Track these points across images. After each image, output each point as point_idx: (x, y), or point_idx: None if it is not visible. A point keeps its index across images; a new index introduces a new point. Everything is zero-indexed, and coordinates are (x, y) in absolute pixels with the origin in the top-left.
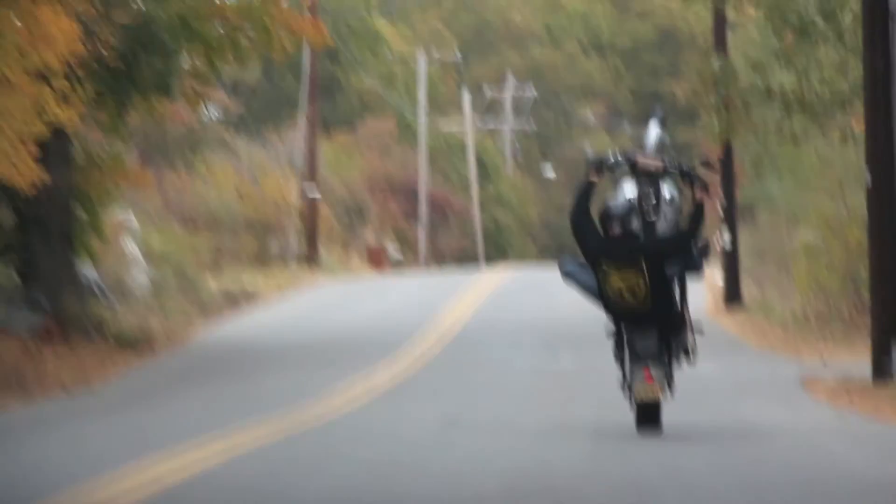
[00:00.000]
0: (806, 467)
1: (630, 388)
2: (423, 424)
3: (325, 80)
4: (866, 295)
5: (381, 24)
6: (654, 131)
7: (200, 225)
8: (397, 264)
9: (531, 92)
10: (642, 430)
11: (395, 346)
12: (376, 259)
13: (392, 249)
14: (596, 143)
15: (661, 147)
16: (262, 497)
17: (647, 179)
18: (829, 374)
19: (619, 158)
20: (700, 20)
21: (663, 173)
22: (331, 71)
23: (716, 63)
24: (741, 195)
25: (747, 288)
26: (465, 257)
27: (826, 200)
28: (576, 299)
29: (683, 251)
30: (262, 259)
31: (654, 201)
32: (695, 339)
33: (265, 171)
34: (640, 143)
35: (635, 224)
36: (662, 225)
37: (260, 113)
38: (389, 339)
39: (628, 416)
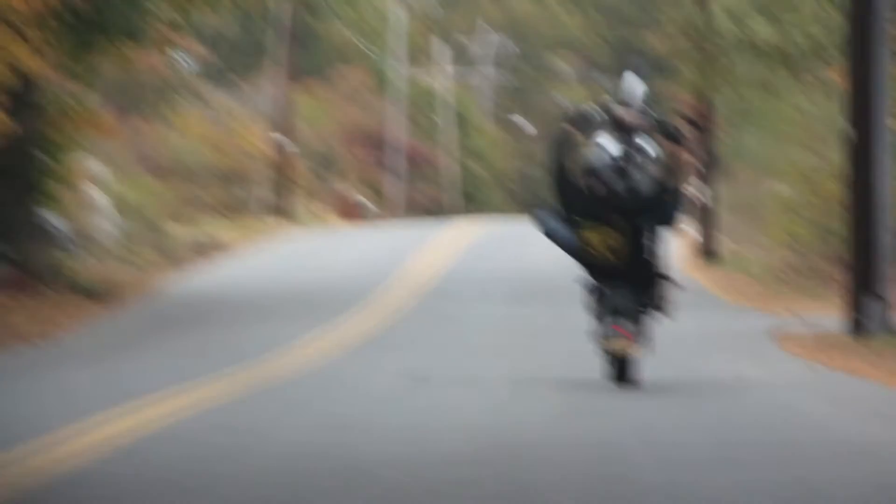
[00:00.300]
0: (779, 426)
1: (604, 343)
2: (392, 379)
3: (300, 30)
4: (841, 248)
5: None
6: (633, 84)
7: (172, 175)
8: (370, 216)
9: (507, 44)
10: (616, 385)
11: (365, 298)
12: (349, 211)
13: (365, 201)
14: (572, 96)
15: (642, 101)
16: (225, 453)
17: (627, 134)
18: (804, 329)
19: (598, 112)
20: None
21: (643, 128)
22: (306, 21)
23: (696, 15)
24: (718, 149)
25: (724, 242)
26: (438, 209)
27: (802, 154)
28: (548, 252)
29: (661, 203)
30: (233, 210)
31: (633, 156)
32: (671, 294)
33: (238, 121)
34: (616, 96)
35: (616, 181)
36: (642, 180)
37: (235, 63)
38: (360, 292)
39: (599, 370)
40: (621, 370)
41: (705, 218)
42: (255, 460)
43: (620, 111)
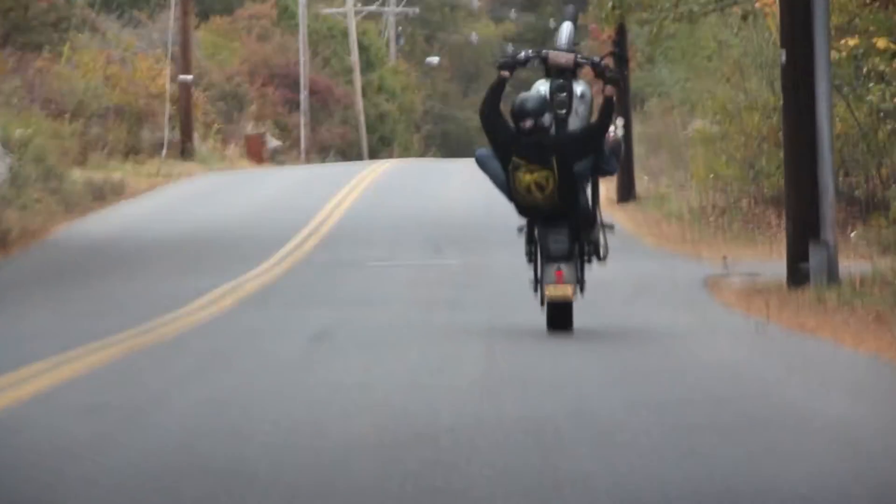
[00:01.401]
0: (727, 397)
1: (541, 288)
2: (288, 339)
3: None
4: (766, 186)
5: None
6: (566, 28)
7: (66, 113)
8: (276, 155)
9: None
10: (553, 330)
11: (266, 244)
12: (254, 150)
13: (271, 140)
14: (482, 30)
15: (572, 43)
16: (88, 445)
17: (559, 75)
18: (739, 278)
19: (531, 54)
20: None
21: (574, 68)
22: None
23: None
24: (632, 82)
25: (640, 180)
26: (347, 148)
27: (723, 87)
28: (460, 195)
29: (594, 146)
30: (132, 149)
31: (566, 99)
32: (606, 238)
33: (140, 58)
34: (524, 30)
35: (547, 119)
36: (574, 121)
37: None
38: (260, 237)
39: (519, 323)
40: (556, 315)
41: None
42: (119, 457)
43: (553, 55)
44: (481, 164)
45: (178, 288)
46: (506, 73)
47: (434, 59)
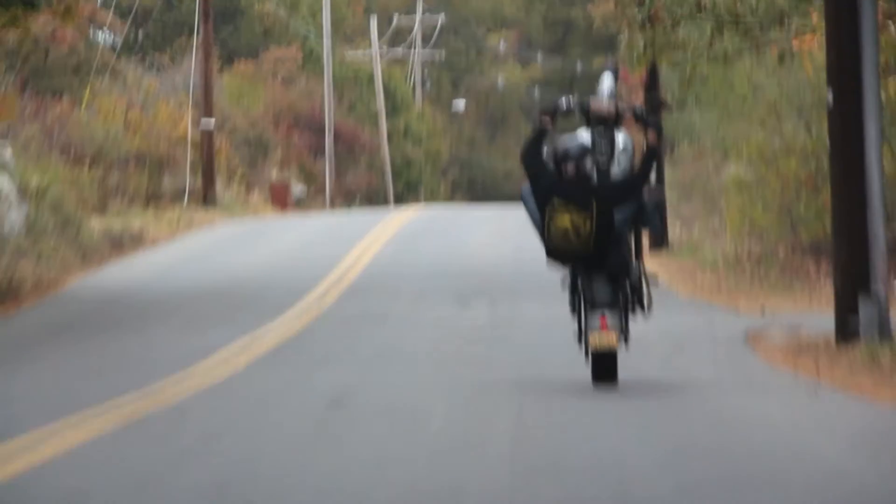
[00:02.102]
0: (777, 465)
1: (585, 339)
2: (302, 406)
3: (227, 7)
4: (804, 234)
5: None
6: (607, 79)
7: (85, 159)
8: (301, 202)
9: (441, 20)
10: (598, 383)
11: (287, 296)
12: (279, 197)
13: (296, 186)
14: (508, 74)
15: (613, 93)
16: None
17: (601, 126)
18: (782, 331)
19: (573, 104)
20: None
21: (617, 118)
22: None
23: None
24: (664, 126)
25: (673, 228)
26: (373, 194)
27: (757, 130)
28: (488, 242)
29: (634, 193)
30: (153, 197)
31: (608, 148)
32: (650, 290)
33: (159, 101)
34: (551, 74)
35: (588, 164)
36: (616, 171)
37: (158, 41)
38: (281, 288)
39: (551, 382)
40: (601, 366)
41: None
42: None
43: (595, 103)
44: (524, 199)
45: (191, 343)
46: (547, 120)
47: (460, 104)
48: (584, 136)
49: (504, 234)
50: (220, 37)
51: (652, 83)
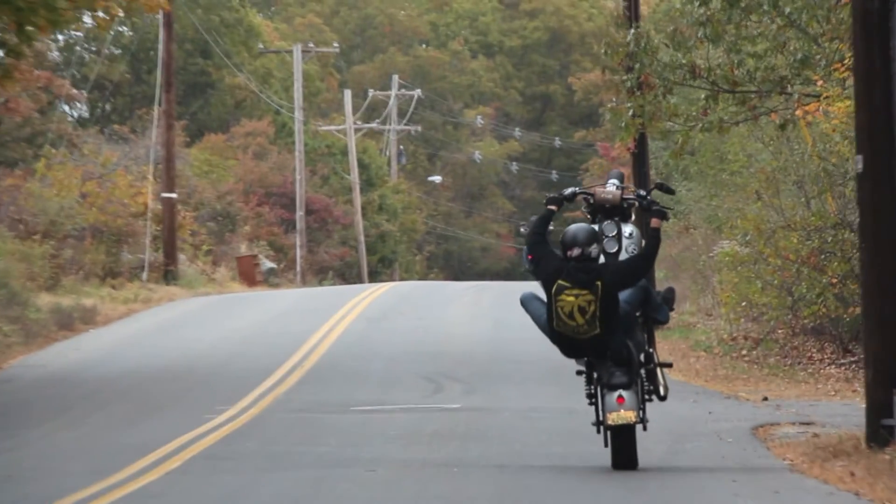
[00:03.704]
0: None
1: (603, 422)
2: None
3: (198, 81)
4: (806, 315)
5: (258, 21)
6: (612, 181)
7: (37, 232)
8: (271, 277)
9: (417, 92)
10: (618, 466)
11: (241, 381)
12: (247, 272)
13: (265, 261)
14: (485, 149)
15: (619, 187)
16: None
17: (607, 216)
18: (784, 418)
19: (577, 191)
20: (591, 17)
21: (621, 204)
22: (202, 68)
23: (630, 33)
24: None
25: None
26: (346, 270)
27: (753, 203)
28: (463, 321)
29: (638, 274)
30: (110, 273)
31: (615, 235)
32: (665, 378)
33: (122, 176)
34: (529, 149)
35: (595, 250)
36: (623, 258)
37: (125, 114)
38: (237, 372)
39: (537, 493)
40: (625, 449)
41: None
42: None
43: (600, 191)
44: (524, 304)
45: (123, 441)
46: (553, 208)
47: (437, 178)
48: (591, 222)
49: (479, 312)
50: (189, 110)
51: (640, 154)
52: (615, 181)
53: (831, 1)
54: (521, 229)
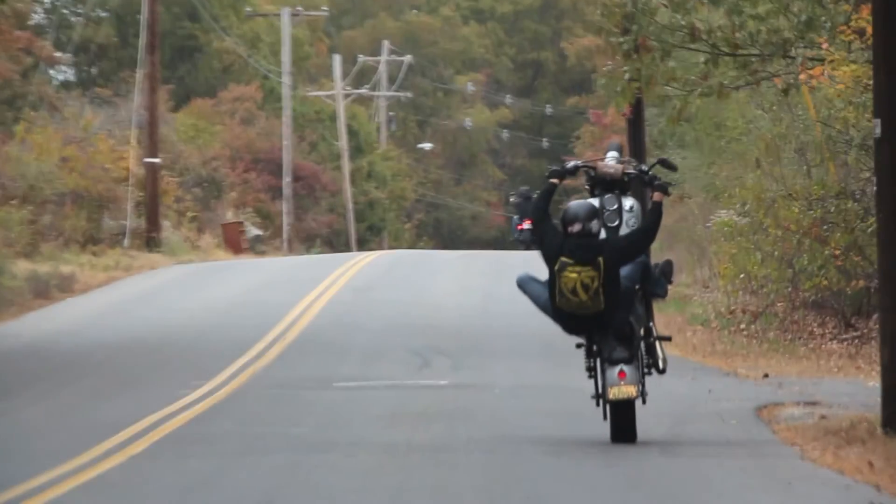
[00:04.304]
0: None
1: (604, 398)
2: None
3: (185, 45)
4: (807, 288)
5: None
6: (610, 156)
7: (15, 198)
8: (257, 245)
9: (407, 58)
10: (617, 440)
11: (220, 354)
12: (232, 240)
13: (251, 228)
14: (476, 116)
15: (619, 160)
16: None
17: (607, 189)
18: (788, 397)
19: (579, 164)
20: None
21: (623, 178)
22: (190, 32)
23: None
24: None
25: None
26: (334, 238)
27: (752, 172)
28: (453, 291)
29: (639, 248)
30: (91, 239)
31: (615, 209)
32: (664, 350)
33: (104, 140)
34: (520, 117)
35: (595, 225)
36: (624, 232)
37: (111, 76)
38: (216, 344)
39: (532, 484)
40: (624, 423)
41: None
42: None
43: (601, 165)
44: (522, 286)
45: (90, 419)
46: (555, 181)
47: (427, 145)
48: (592, 202)
49: (470, 281)
50: (177, 74)
51: (636, 120)
52: (615, 153)
53: None
54: (511, 199)
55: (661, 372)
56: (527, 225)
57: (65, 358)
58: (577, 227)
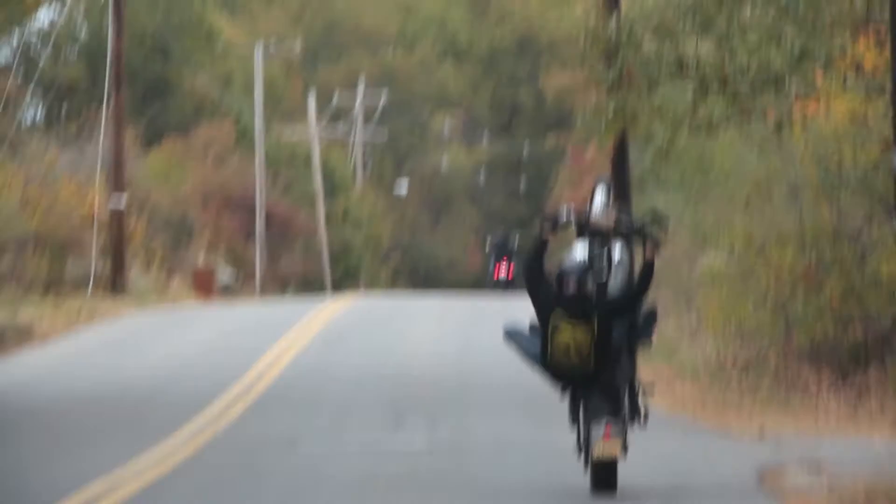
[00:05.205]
0: None
1: (587, 449)
2: None
3: (157, 82)
4: (801, 337)
5: (219, 20)
6: (600, 194)
7: None
8: (229, 289)
9: (384, 99)
10: (598, 492)
11: (180, 409)
12: (203, 284)
13: (223, 272)
14: (453, 156)
15: (608, 209)
16: None
17: (599, 239)
18: (789, 459)
19: (572, 217)
20: (561, 23)
21: (615, 232)
22: (161, 70)
23: (612, 23)
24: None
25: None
26: (309, 281)
27: (741, 213)
28: (430, 339)
29: (633, 306)
30: (54, 284)
31: (604, 262)
32: (646, 402)
33: (68, 180)
34: (498, 157)
35: (590, 285)
36: (613, 284)
37: (81, 115)
38: (177, 398)
39: None
40: (601, 475)
41: None
42: None
43: (594, 217)
44: (509, 336)
45: (17, 491)
46: (548, 237)
47: (403, 185)
48: (579, 247)
49: (447, 328)
50: (148, 113)
51: (620, 158)
52: (602, 193)
53: None
54: (488, 243)
55: (644, 424)
56: (503, 269)
57: (7, 416)
58: (572, 284)
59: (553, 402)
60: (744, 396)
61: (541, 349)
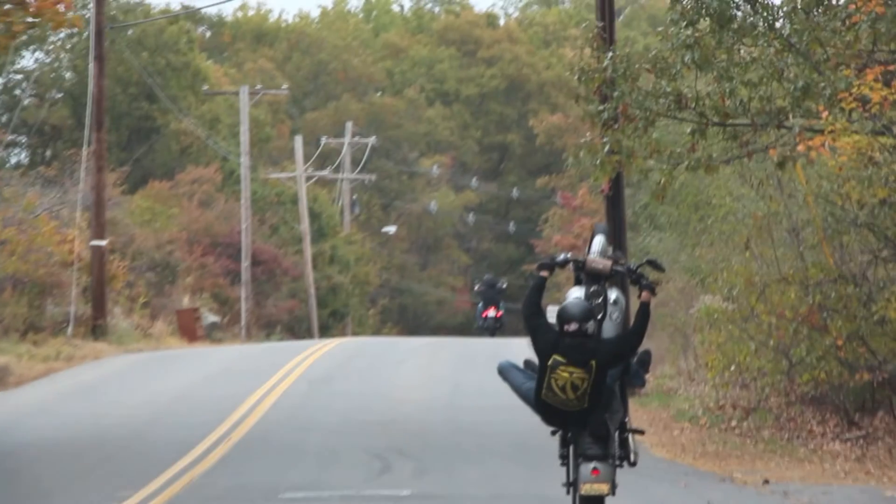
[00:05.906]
0: None
1: (575, 487)
2: None
3: (142, 126)
4: (804, 379)
5: (206, 65)
6: (598, 240)
7: None
8: (214, 332)
9: (371, 140)
10: None
11: (155, 457)
12: (187, 327)
13: (208, 315)
14: (441, 199)
15: (605, 252)
16: None
17: (593, 281)
18: None
19: (569, 258)
20: (550, 66)
21: (611, 274)
22: (147, 113)
23: (608, 56)
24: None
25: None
26: (295, 324)
27: (740, 254)
28: (417, 384)
29: (630, 351)
30: (32, 328)
31: (600, 302)
32: (635, 443)
33: (41, 217)
34: (486, 200)
35: (591, 326)
36: (608, 326)
37: (56, 156)
38: (153, 444)
39: None
40: None
41: None
42: None
43: (591, 260)
44: (503, 374)
45: None
46: (545, 274)
47: (391, 229)
48: (578, 293)
49: (435, 372)
50: (134, 156)
51: (615, 198)
52: (602, 237)
53: (836, 22)
54: (476, 286)
55: (633, 464)
56: (491, 313)
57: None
58: (573, 327)
59: (543, 446)
60: (745, 442)
61: (536, 386)
